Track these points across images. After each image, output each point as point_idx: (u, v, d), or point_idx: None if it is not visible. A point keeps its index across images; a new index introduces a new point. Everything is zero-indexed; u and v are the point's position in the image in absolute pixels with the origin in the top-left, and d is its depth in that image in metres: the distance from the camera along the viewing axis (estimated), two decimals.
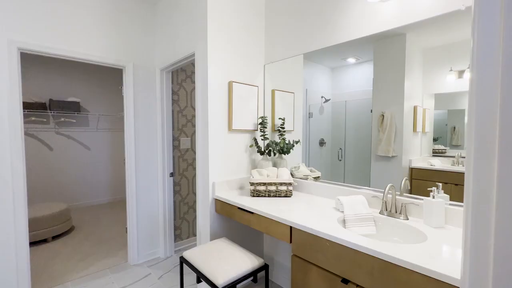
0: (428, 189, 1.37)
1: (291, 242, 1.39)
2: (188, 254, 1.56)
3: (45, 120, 3.90)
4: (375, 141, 1.66)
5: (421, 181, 1.45)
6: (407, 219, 1.35)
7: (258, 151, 2.14)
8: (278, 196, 1.86)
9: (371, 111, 1.69)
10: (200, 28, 1.93)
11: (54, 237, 3.14)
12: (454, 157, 1.36)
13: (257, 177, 1.89)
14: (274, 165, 2.19)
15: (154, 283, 2.18)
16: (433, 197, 1.26)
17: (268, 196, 1.86)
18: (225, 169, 2.00)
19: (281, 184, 1.86)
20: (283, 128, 2.15)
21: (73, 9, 2.11)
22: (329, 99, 1.94)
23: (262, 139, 2.16)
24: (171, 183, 2.66)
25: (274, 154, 2.14)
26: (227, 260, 1.47)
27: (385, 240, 1.28)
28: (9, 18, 1.85)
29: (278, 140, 2.14)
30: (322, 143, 2.03)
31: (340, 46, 1.76)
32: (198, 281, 1.55)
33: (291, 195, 1.87)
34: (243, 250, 1.60)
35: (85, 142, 4.36)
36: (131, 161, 2.46)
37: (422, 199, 1.34)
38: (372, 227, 1.37)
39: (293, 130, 2.19)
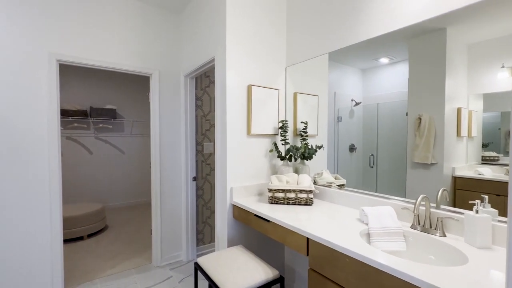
0: (470, 202, 1.17)
1: (307, 254, 1.29)
2: (202, 260, 1.54)
3: (85, 126, 4.26)
4: (411, 147, 1.49)
5: (466, 192, 1.25)
6: (444, 236, 1.16)
7: (278, 156, 2.06)
8: (298, 204, 1.76)
9: (407, 114, 1.53)
10: (219, 33, 1.94)
11: (90, 235, 3.36)
12: (508, 165, 1.15)
13: (275, 183, 1.81)
14: (296, 171, 2.09)
15: (174, 287, 2.20)
16: (477, 211, 1.07)
17: (287, 204, 1.77)
18: (243, 174, 1.95)
19: (300, 191, 1.75)
20: (306, 132, 2.05)
21: (105, 23, 2.26)
22: (360, 102, 1.81)
23: (282, 144, 2.07)
24: (194, 187, 2.69)
25: (295, 160, 2.04)
26: (240, 269, 1.40)
27: (417, 260, 1.12)
28: (49, 33, 2.03)
29: (300, 145, 2.04)
30: (352, 148, 1.89)
31: (371, 44, 1.63)
32: None
33: (312, 203, 1.75)
34: (258, 260, 1.52)
35: (120, 146, 4.66)
36: (156, 165, 2.54)
37: (463, 213, 1.15)
38: (401, 243, 1.21)
39: (317, 135, 2.07)
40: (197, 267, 1.54)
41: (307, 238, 1.28)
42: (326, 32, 1.86)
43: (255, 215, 1.66)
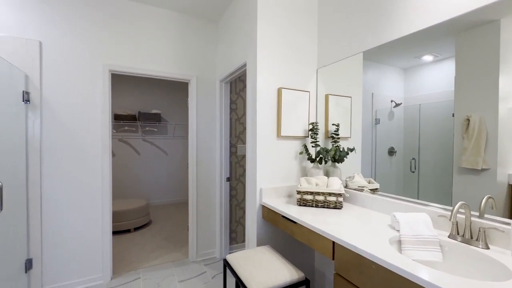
0: None
1: (333, 258, 1.26)
2: (230, 258, 1.60)
3: (134, 129, 4.73)
4: (458, 151, 1.36)
5: None
6: (488, 248, 1.04)
7: (308, 159, 2.04)
8: (327, 207, 1.72)
9: (453, 115, 1.41)
10: (251, 39, 2.01)
11: (136, 229, 3.70)
12: None
13: (304, 186, 1.80)
14: (327, 174, 2.05)
15: (207, 282, 2.31)
16: None
17: (315, 207, 1.74)
18: (273, 176, 1.98)
19: (329, 194, 1.71)
20: (337, 134, 2.00)
21: (151, 35, 2.51)
22: (400, 103, 1.71)
23: (312, 146, 2.05)
24: (227, 188, 2.79)
25: (325, 162, 2.00)
26: (265, 269, 1.43)
27: (453, 272, 1.03)
28: (103, 47, 2.33)
29: (330, 148, 2.00)
30: (391, 152, 1.79)
31: (413, 41, 1.53)
32: (237, 286, 1.56)
33: (341, 207, 1.70)
34: (284, 260, 1.53)
35: (164, 148, 5.06)
36: (193, 166, 2.71)
37: (510, 223, 1.01)
38: (437, 253, 1.11)
39: (349, 137, 2.00)
40: (226, 264, 1.61)
41: (333, 242, 1.26)
42: (359, 31, 1.80)
43: (283, 216, 1.67)
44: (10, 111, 1.91)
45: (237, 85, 2.91)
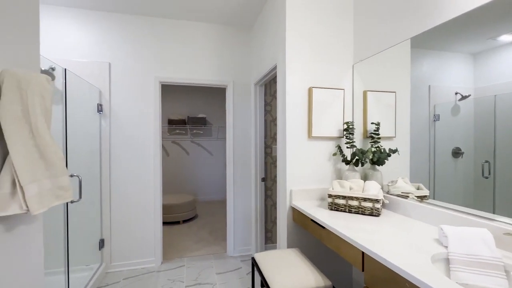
0: None
1: (363, 270, 1.19)
2: (257, 256, 1.64)
3: (184, 132, 5.16)
4: None
5: None
6: None
7: (343, 161, 1.95)
8: (361, 213, 1.62)
9: None
10: (280, 39, 2.01)
11: (184, 221, 4.04)
12: None
13: (337, 189, 1.73)
14: (365, 177, 1.92)
15: (242, 277, 2.40)
16: None
17: (348, 212, 1.66)
18: (304, 178, 1.95)
19: (365, 199, 1.61)
20: (377, 134, 1.86)
21: (193, 47, 2.72)
22: (468, 95, 1.45)
23: (348, 147, 1.95)
24: (263, 188, 2.84)
25: (362, 164, 1.88)
26: (290, 271, 1.43)
27: None
28: (155, 62, 2.62)
29: (372, 149, 1.86)
30: (457, 153, 1.56)
31: (484, 17, 1.25)
32: (262, 285, 1.59)
33: (379, 214, 1.58)
34: (311, 266, 1.50)
35: (209, 148, 5.40)
36: (230, 166, 2.84)
37: None
38: (500, 280, 0.93)
39: (394, 137, 1.84)
40: (253, 262, 1.66)
41: (362, 252, 1.19)
42: (404, 14, 1.61)
43: (312, 220, 1.64)
44: (89, 120, 2.34)
45: (272, 87, 2.93)
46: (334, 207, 1.70)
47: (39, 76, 1.07)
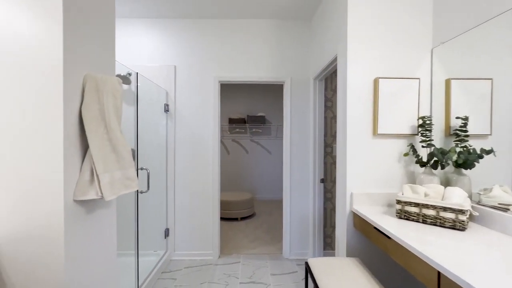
0: None
1: None
2: (312, 262, 1.52)
3: (243, 130, 5.32)
4: None
5: None
6: None
7: (417, 162, 1.66)
8: (440, 226, 1.33)
9: None
10: (341, 27, 1.84)
11: (242, 218, 4.15)
12: None
13: (407, 195, 1.48)
14: (447, 182, 1.59)
15: (297, 282, 2.29)
16: None
17: (422, 222, 1.39)
18: (367, 180, 1.73)
19: (445, 209, 1.32)
20: (465, 131, 1.52)
21: (250, 45, 2.76)
22: None
23: (423, 146, 1.64)
24: (322, 189, 2.67)
25: (442, 167, 1.56)
26: (347, 283, 1.27)
27: None
28: (213, 62, 2.75)
29: (457, 148, 1.53)
30: None
31: None
32: None
33: (464, 228, 1.27)
34: (373, 280, 1.31)
35: (268, 147, 5.42)
36: (287, 165, 2.76)
37: None
38: None
39: (489, 135, 1.48)
40: (307, 267, 1.55)
41: (438, 272, 0.97)
42: None
43: (375, 227, 1.43)
44: (157, 119, 2.62)
45: (333, 81, 2.73)
46: (403, 215, 1.45)
47: (112, 79, 1.22)
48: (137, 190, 2.11)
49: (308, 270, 1.53)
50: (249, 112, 5.39)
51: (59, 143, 1.00)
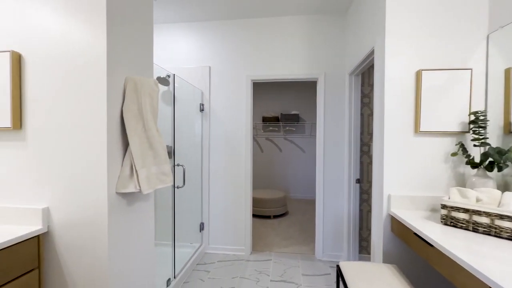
0: None
1: None
2: (343, 265, 1.46)
3: (277, 129, 5.29)
4: None
5: None
6: None
7: (468, 163, 1.48)
8: (495, 236, 1.17)
9: None
10: (379, 18, 1.71)
11: (275, 216, 4.15)
12: None
13: (455, 199, 1.33)
14: (505, 186, 1.40)
15: (329, 285, 2.22)
16: None
17: (472, 231, 1.24)
18: (407, 182, 1.60)
19: (501, 217, 1.16)
20: None
21: (282, 42, 2.73)
22: None
23: (475, 145, 1.46)
24: (357, 190, 2.54)
25: (499, 169, 1.37)
26: None
27: None
28: (246, 61, 2.79)
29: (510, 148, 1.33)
30: None
31: None
32: None
33: None
34: None
35: (302, 146, 5.31)
36: (320, 164, 2.68)
37: None
38: None
39: None
40: (338, 270, 1.49)
41: None
42: None
43: (415, 233, 1.32)
44: (193, 118, 2.76)
45: (370, 76, 2.56)
46: (450, 221, 1.31)
47: (149, 80, 1.31)
48: (174, 185, 2.24)
49: (339, 274, 1.47)
50: (283, 110, 5.34)
51: (103, 141, 1.11)
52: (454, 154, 1.53)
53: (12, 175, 1.18)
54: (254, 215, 4.18)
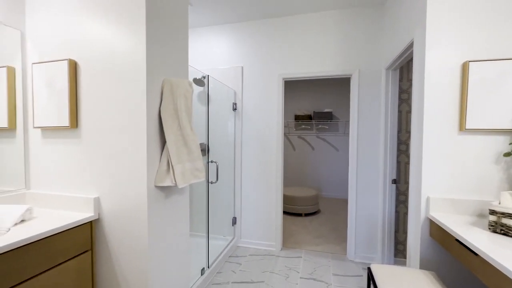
0: None
1: None
2: (375, 268, 1.41)
3: (309, 127, 5.20)
4: None
5: None
6: None
7: None
8: None
9: None
10: (420, 6, 1.59)
11: (306, 214, 4.11)
12: None
13: (507, 204, 1.20)
14: None
15: (361, 286, 2.15)
16: None
17: None
18: (450, 184, 1.47)
19: None
20: None
21: (314, 39, 2.67)
22: None
23: None
24: (393, 191, 2.41)
25: None
26: None
27: None
28: (277, 60, 2.79)
29: None
30: None
31: None
32: None
33: None
34: None
35: (335, 144, 5.15)
36: (353, 163, 2.59)
37: None
38: None
39: None
40: (369, 273, 1.44)
41: None
42: None
43: (457, 240, 1.22)
44: (226, 117, 2.86)
45: (410, 71, 2.39)
46: (500, 229, 1.18)
47: (184, 81, 1.39)
48: (208, 181, 2.35)
49: (370, 277, 1.43)
50: (316, 108, 5.23)
51: (143, 139, 1.22)
52: (507, 154, 1.37)
53: (70, 168, 1.35)
54: (285, 213, 4.19)
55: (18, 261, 0.99)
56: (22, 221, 1.19)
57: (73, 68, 1.31)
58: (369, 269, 1.46)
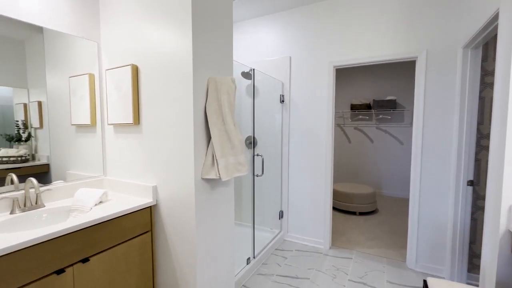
0: None
1: None
2: (432, 282, 1.23)
3: (367, 117, 4.76)
4: None
5: None
6: None
7: None
8: None
9: None
10: None
11: (361, 213, 3.83)
12: None
13: None
14: None
15: None
16: None
17: None
18: None
19: None
20: None
21: (369, 22, 2.41)
22: None
23: None
24: (469, 195, 2.04)
25: None
26: None
27: None
28: (328, 47, 2.62)
29: None
30: None
31: None
32: None
33: None
34: None
35: (399, 136, 4.61)
36: (416, 159, 2.29)
37: None
38: None
39: None
40: (425, 287, 1.27)
41: None
42: None
43: None
44: (274, 109, 2.86)
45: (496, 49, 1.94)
46: None
47: (227, 79, 1.44)
48: (254, 173, 2.42)
49: None
50: (376, 96, 4.75)
51: (190, 134, 1.32)
52: None
53: (135, 159, 1.57)
54: (337, 210, 4.00)
55: (99, 234, 1.22)
56: (100, 202, 1.45)
57: (135, 71, 1.49)
58: (424, 282, 1.29)
